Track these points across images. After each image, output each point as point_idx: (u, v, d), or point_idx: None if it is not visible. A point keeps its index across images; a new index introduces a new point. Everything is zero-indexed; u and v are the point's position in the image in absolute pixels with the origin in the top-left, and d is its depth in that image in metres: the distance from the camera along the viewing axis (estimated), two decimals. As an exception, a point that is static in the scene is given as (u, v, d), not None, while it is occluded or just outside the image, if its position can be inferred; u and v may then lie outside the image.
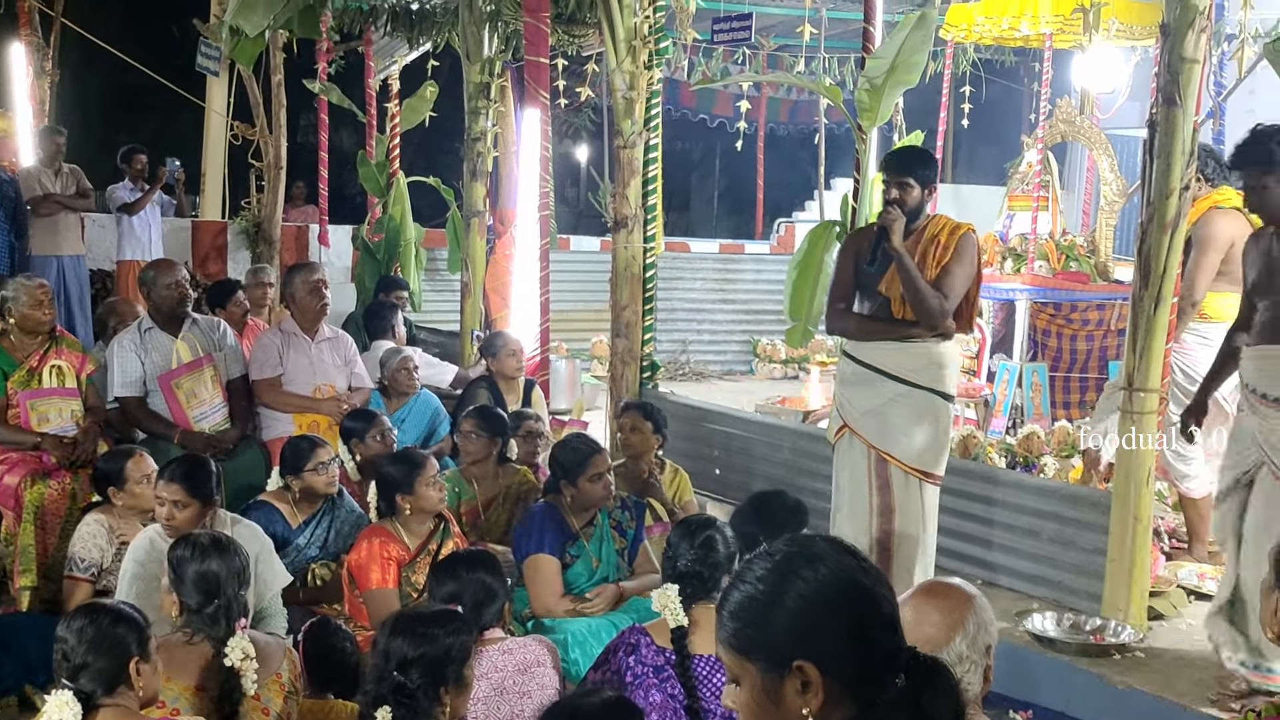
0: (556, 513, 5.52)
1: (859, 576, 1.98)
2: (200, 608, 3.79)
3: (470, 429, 6.27)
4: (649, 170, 8.21)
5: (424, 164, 14.77)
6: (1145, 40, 9.86)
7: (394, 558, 5.16)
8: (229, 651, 3.67)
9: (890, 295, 5.40)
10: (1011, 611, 5.62)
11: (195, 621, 3.80)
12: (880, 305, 5.46)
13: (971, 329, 5.70)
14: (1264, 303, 4.89)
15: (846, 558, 2.00)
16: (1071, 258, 9.57)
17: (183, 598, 3.82)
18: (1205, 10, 5.03)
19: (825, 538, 2.10)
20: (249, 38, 9.12)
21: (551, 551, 5.41)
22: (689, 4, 8.57)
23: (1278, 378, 4.77)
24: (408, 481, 5.26)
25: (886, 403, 5.37)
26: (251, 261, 12.84)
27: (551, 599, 5.33)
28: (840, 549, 2.03)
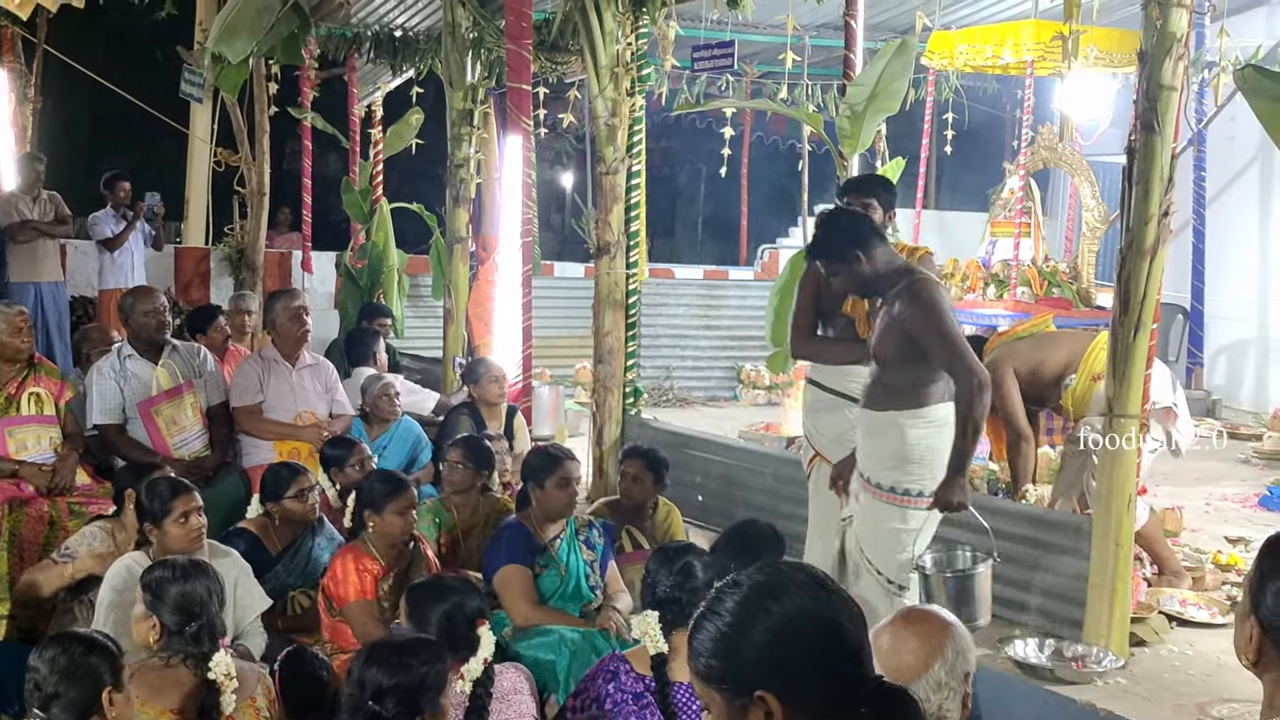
0: (524, 527, 5.54)
1: (823, 609, 1.98)
2: (181, 628, 3.78)
3: (457, 460, 6.23)
4: (632, 196, 8.23)
5: (407, 190, 14.79)
6: (1126, 67, 9.92)
7: (369, 570, 5.15)
8: (213, 666, 3.66)
9: (855, 316, 5.43)
10: (994, 638, 5.61)
11: (175, 643, 3.78)
12: (844, 327, 5.50)
13: None
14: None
15: (813, 589, 2.00)
16: (1054, 283, 9.62)
17: (162, 619, 3.80)
18: (1183, 38, 5.05)
19: (795, 566, 2.09)
20: (232, 65, 9.11)
21: (522, 562, 5.41)
22: (670, 32, 8.60)
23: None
24: (381, 502, 5.24)
25: (851, 429, 5.36)
26: (234, 288, 12.84)
27: (528, 607, 5.31)
28: (808, 579, 2.02)
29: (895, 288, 5.01)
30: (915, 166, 12.16)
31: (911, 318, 4.92)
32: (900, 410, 4.99)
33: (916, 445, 5.00)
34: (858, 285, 5.11)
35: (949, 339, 4.99)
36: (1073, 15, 8.26)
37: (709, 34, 11.52)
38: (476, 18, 9.62)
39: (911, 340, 4.95)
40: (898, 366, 5.00)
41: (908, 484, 5.01)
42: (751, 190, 18.58)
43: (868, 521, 5.09)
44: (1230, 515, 8.27)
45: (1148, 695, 5.04)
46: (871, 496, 5.06)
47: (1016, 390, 6.78)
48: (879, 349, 5.04)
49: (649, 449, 6.64)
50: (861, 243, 4.99)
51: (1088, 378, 6.50)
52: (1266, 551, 2.30)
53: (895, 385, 5.01)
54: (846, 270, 5.01)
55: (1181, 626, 5.86)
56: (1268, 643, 2.24)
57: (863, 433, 5.14)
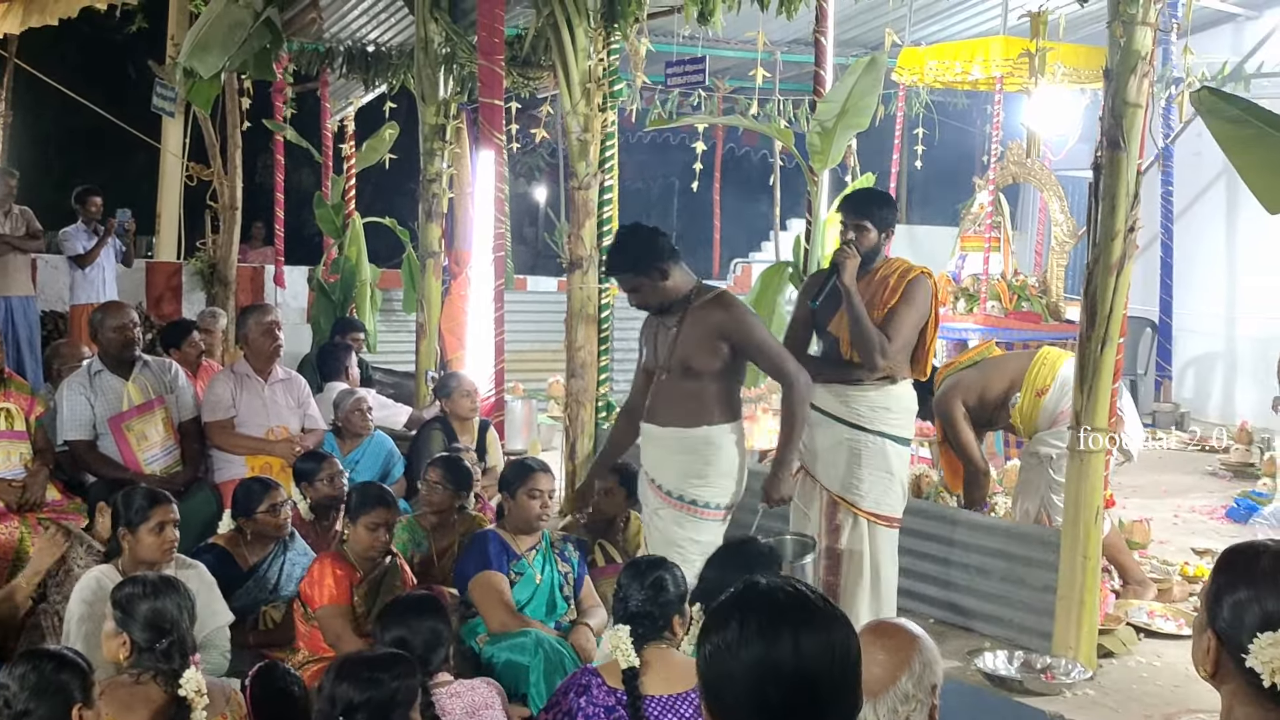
0: (498, 537, 5.55)
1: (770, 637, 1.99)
2: (151, 645, 3.77)
3: (437, 480, 6.21)
4: (604, 211, 8.25)
5: (380, 205, 14.79)
6: (1094, 83, 10.01)
7: (346, 576, 5.17)
8: (184, 683, 3.66)
9: (839, 335, 5.44)
10: (963, 651, 5.65)
11: (145, 660, 3.77)
12: (830, 346, 5.52)
13: (926, 374, 5.71)
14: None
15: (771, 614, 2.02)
16: (1023, 298, 9.68)
17: (132, 636, 3.80)
18: (1147, 56, 5.11)
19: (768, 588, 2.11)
20: (204, 80, 9.12)
21: (497, 569, 5.42)
22: (642, 47, 8.64)
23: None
24: (354, 513, 5.29)
25: (835, 446, 5.40)
26: (207, 303, 12.81)
27: (504, 613, 5.31)
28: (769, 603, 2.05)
29: (700, 300, 5.11)
30: (885, 181, 12.21)
31: (733, 327, 5.03)
32: (712, 424, 5.08)
33: (728, 457, 5.11)
34: (656, 300, 5.15)
35: (771, 343, 5.15)
36: (1039, 32, 8.34)
37: (681, 50, 11.57)
38: (449, 33, 9.64)
39: (730, 350, 5.03)
40: (710, 378, 5.07)
41: (714, 497, 5.12)
42: (724, 205, 18.62)
43: (665, 533, 5.15)
44: (1198, 527, 8.33)
45: (1115, 706, 5.08)
46: (672, 509, 5.14)
47: (968, 426, 6.82)
48: (689, 362, 5.06)
49: (622, 463, 6.65)
50: (661, 258, 5.07)
51: (1032, 394, 6.57)
52: (1223, 564, 2.33)
53: (706, 398, 5.07)
54: (647, 285, 5.08)
55: (1149, 638, 5.91)
56: (1224, 655, 2.27)
57: (667, 448, 5.17)
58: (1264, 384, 12.19)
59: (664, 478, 5.16)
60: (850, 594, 5.41)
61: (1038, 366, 6.60)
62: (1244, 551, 2.35)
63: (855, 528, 5.42)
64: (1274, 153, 3.06)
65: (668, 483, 5.15)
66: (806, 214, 7.32)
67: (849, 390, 5.41)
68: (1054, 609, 5.40)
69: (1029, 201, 15.10)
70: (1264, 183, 3.13)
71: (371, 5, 11.65)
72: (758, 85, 10.83)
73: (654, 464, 5.23)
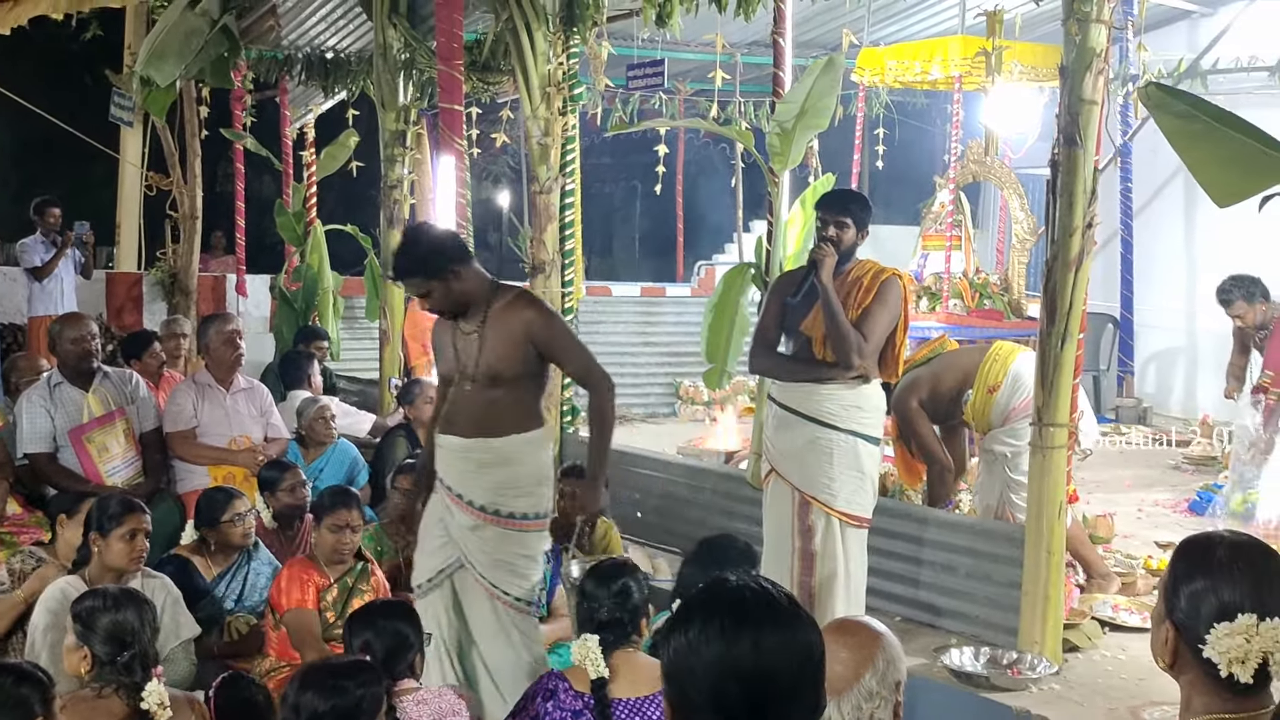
0: None
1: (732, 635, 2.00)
2: (112, 658, 3.74)
3: (409, 487, 6.18)
4: (566, 215, 8.24)
5: (342, 212, 14.71)
6: (1051, 81, 10.07)
7: (314, 581, 5.16)
8: (146, 697, 3.63)
9: (812, 335, 5.44)
10: (930, 648, 5.67)
11: (107, 674, 3.75)
12: (802, 345, 5.51)
13: (897, 374, 5.73)
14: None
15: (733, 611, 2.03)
16: (985, 295, 9.74)
17: (93, 650, 3.77)
18: (1102, 53, 5.14)
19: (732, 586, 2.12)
20: (160, 88, 9.05)
21: None
22: (602, 51, 8.63)
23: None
24: (319, 515, 5.32)
25: (806, 445, 5.40)
26: (168, 313, 12.72)
27: None
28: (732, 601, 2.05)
29: (501, 301, 4.83)
30: (847, 181, 12.26)
31: (540, 327, 4.78)
32: (524, 432, 4.84)
33: (543, 466, 4.94)
34: (450, 305, 4.84)
35: (578, 344, 4.97)
36: (995, 31, 8.39)
37: (641, 53, 11.58)
38: (408, 39, 9.61)
39: (538, 352, 4.79)
40: (517, 384, 4.81)
41: (532, 507, 4.88)
42: (687, 207, 18.65)
43: (489, 551, 4.84)
44: (1161, 520, 8.39)
45: (1081, 700, 5.11)
46: (492, 525, 4.84)
47: (927, 423, 6.85)
48: (496, 368, 4.78)
49: (582, 465, 6.64)
50: (455, 259, 4.79)
51: (984, 390, 6.60)
52: (1179, 555, 2.36)
53: (513, 405, 4.82)
54: (439, 289, 4.78)
55: (1114, 631, 5.94)
56: (1183, 645, 2.29)
57: (475, 461, 4.86)
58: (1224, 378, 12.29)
59: (474, 493, 4.83)
60: (825, 595, 5.42)
61: (989, 363, 6.63)
62: (1200, 543, 2.38)
63: (828, 528, 5.42)
64: (1222, 147, 3.09)
65: (479, 498, 4.82)
66: (768, 215, 7.32)
67: (821, 389, 5.41)
68: (1019, 605, 5.42)
69: (990, 200, 15.19)
70: (1213, 177, 3.15)
71: (330, 12, 11.61)
72: (717, 87, 10.85)
73: (459, 479, 4.88)
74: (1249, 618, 2.22)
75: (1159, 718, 4.79)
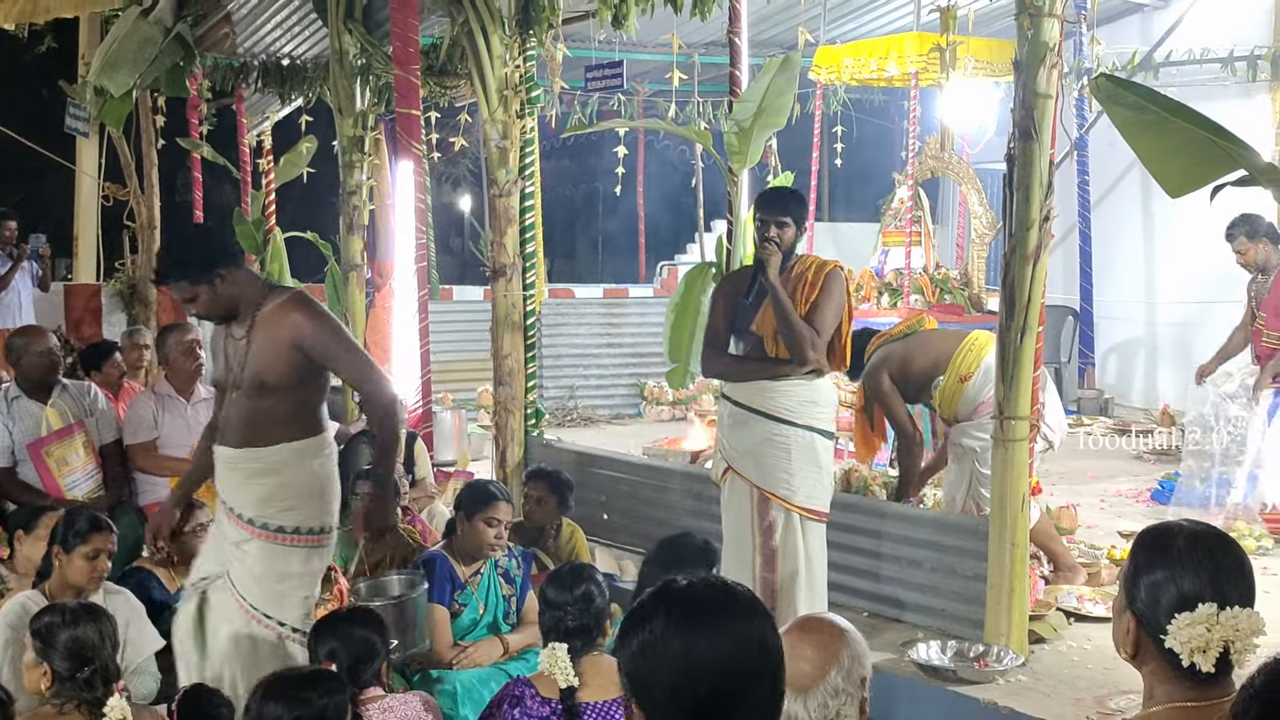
0: (446, 562, 5.51)
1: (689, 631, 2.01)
2: (73, 674, 3.71)
3: (365, 492, 6.15)
4: (526, 218, 8.23)
5: (303, 219, 14.66)
6: (1007, 76, 10.11)
7: None
8: (108, 712, 3.60)
9: (763, 334, 5.46)
10: (897, 643, 5.68)
11: (68, 689, 3.72)
12: (754, 345, 5.53)
13: (845, 366, 5.78)
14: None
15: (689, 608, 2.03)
16: (946, 290, 9.76)
17: (53, 666, 3.73)
18: (1055, 47, 5.17)
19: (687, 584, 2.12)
20: (115, 98, 8.99)
21: (440, 600, 5.39)
22: (558, 53, 8.63)
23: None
24: None
25: (763, 442, 5.41)
26: (127, 324, 12.62)
27: (441, 648, 5.30)
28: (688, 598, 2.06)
29: (270, 304, 4.61)
30: (806, 179, 12.29)
31: (307, 332, 4.54)
32: (294, 441, 4.62)
33: (319, 476, 4.71)
34: (218, 309, 4.63)
35: (354, 350, 4.70)
36: (949, 27, 8.42)
37: (598, 54, 11.58)
38: (364, 44, 9.57)
39: (309, 357, 4.56)
40: (286, 392, 4.59)
41: (303, 521, 4.66)
42: (648, 208, 18.68)
43: (251, 568, 4.63)
44: (1124, 510, 8.45)
45: (1048, 691, 5.13)
46: (259, 540, 4.62)
47: (896, 395, 6.84)
48: (262, 376, 4.55)
49: (552, 471, 6.64)
50: (217, 261, 4.56)
51: (955, 379, 6.59)
52: (1139, 546, 2.37)
53: (283, 414, 4.60)
54: (206, 293, 4.56)
55: (1079, 622, 5.96)
56: (1144, 635, 2.31)
57: (243, 472, 4.65)
58: (1184, 368, 12.39)
59: (243, 505, 4.62)
60: (787, 590, 5.43)
61: (964, 352, 6.62)
62: (1160, 533, 2.39)
63: (788, 524, 5.44)
64: (1173, 138, 3.11)
65: (248, 510, 4.61)
66: (728, 214, 7.33)
67: (776, 385, 5.42)
68: (985, 598, 5.44)
69: (949, 195, 15.25)
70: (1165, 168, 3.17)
71: (285, 18, 11.55)
72: (675, 88, 10.85)
73: (229, 490, 4.67)
74: (1209, 607, 2.24)
75: (1125, 706, 4.82)
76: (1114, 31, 12.63)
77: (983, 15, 10.60)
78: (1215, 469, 7.70)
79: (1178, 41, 11.87)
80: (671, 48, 10.67)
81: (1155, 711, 2.32)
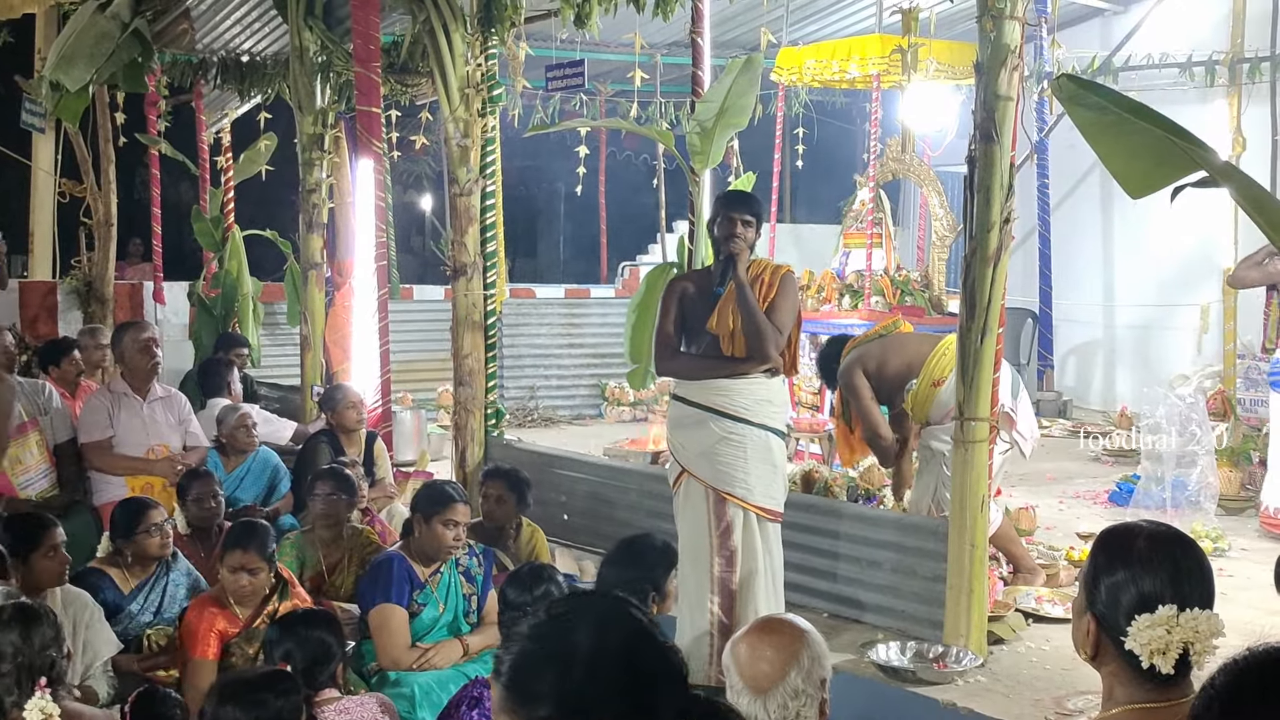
0: (404, 562, 5.46)
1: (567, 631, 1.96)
2: None
3: (330, 492, 6.11)
4: (487, 217, 8.19)
5: (261, 217, 14.56)
6: (968, 79, 10.16)
7: (217, 630, 4.99)
8: (27, 714, 3.54)
9: (719, 333, 5.45)
10: (857, 644, 5.68)
11: None
12: (708, 344, 5.51)
13: (796, 370, 5.81)
14: None
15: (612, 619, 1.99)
16: (906, 292, 9.79)
17: None
18: (1016, 50, 5.19)
19: (596, 599, 2.09)
20: (71, 93, 8.89)
21: (399, 601, 5.34)
22: (520, 52, 8.60)
23: None
24: (221, 555, 5.15)
25: (718, 442, 5.39)
26: (84, 322, 12.51)
27: (399, 651, 5.26)
28: (603, 611, 2.01)
29: None
30: (768, 180, 12.31)
31: None
32: None
33: None
34: None
35: None
36: (910, 29, 8.44)
37: (560, 54, 11.55)
38: (324, 41, 9.51)
39: None
40: None
41: None
42: (610, 208, 18.65)
43: None
44: (1082, 512, 8.49)
45: (1006, 691, 5.14)
46: None
47: (868, 388, 6.84)
48: None
49: (510, 469, 6.61)
50: None
51: (928, 383, 6.61)
52: (1099, 547, 2.37)
53: None
54: None
55: (1038, 623, 5.99)
56: (1104, 637, 2.30)
57: None
58: (1142, 370, 12.50)
59: None
60: (747, 589, 5.41)
61: (938, 356, 6.63)
62: (1120, 534, 2.39)
63: (746, 523, 5.42)
64: (1134, 139, 3.11)
65: None
66: (689, 214, 7.32)
67: (733, 384, 5.41)
68: (944, 599, 5.46)
69: (910, 197, 15.32)
70: (1126, 169, 3.17)
71: (245, 15, 11.46)
72: (637, 88, 10.84)
73: None
74: (1169, 609, 2.24)
75: (1083, 707, 4.84)
76: (1074, 35, 12.73)
77: (944, 18, 10.64)
78: (1169, 471, 7.75)
79: (1137, 46, 11.97)
80: (634, 48, 10.66)
81: (1115, 713, 2.31)
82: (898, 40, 9.16)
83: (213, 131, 13.66)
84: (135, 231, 16.55)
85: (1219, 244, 11.21)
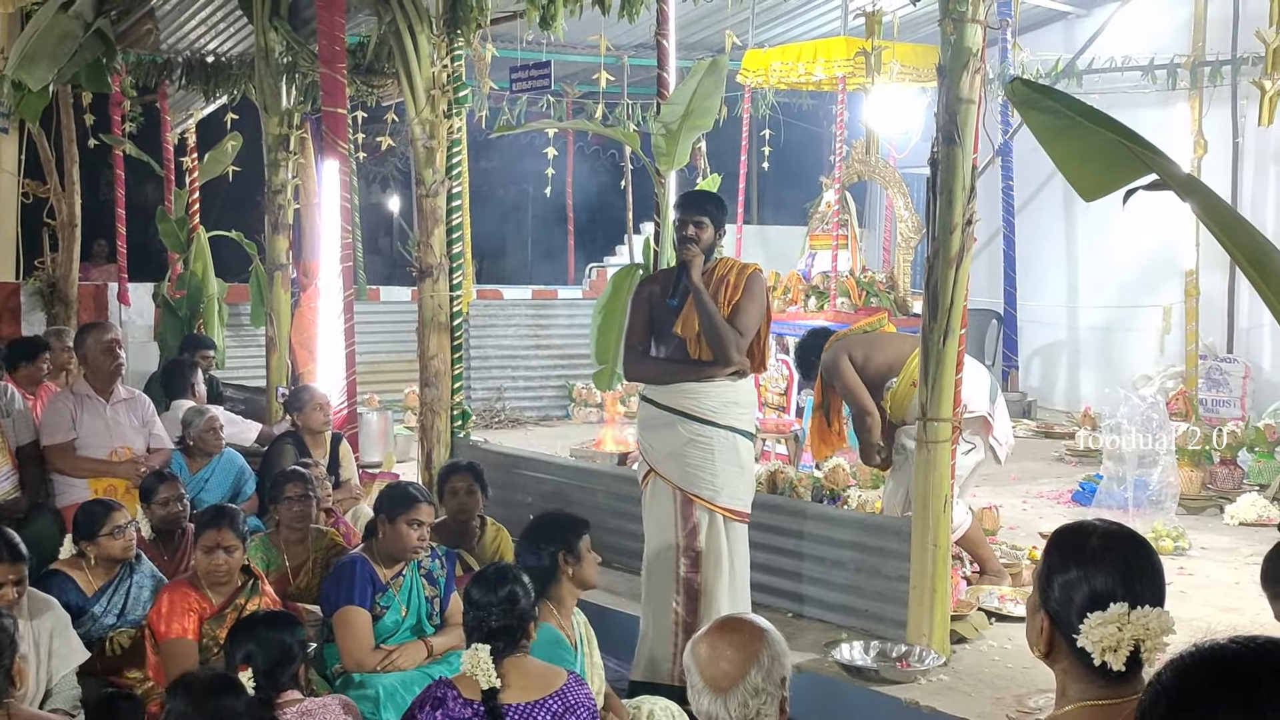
0: (366, 565, 5.44)
1: None
2: None
3: (300, 493, 6.09)
4: (453, 218, 8.19)
5: (227, 218, 14.51)
6: (931, 82, 10.21)
7: (194, 609, 5.01)
8: None
9: (686, 336, 5.46)
10: (820, 643, 5.71)
11: None
12: (676, 347, 5.52)
13: (765, 368, 5.83)
14: None
15: None
16: (872, 293, 9.84)
17: None
18: (978, 53, 5.23)
19: None
20: (33, 92, 8.84)
21: (361, 603, 5.33)
22: (486, 54, 8.59)
23: None
24: (195, 538, 5.15)
25: (686, 443, 5.41)
26: (47, 323, 12.43)
27: (363, 653, 5.24)
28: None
29: None
30: (734, 182, 12.33)
31: None
32: None
33: None
34: None
35: None
36: (874, 32, 8.48)
37: (526, 55, 11.54)
38: (290, 42, 9.49)
39: None
40: None
41: None
42: (577, 209, 18.66)
43: None
44: (1046, 512, 8.56)
45: (969, 690, 5.18)
46: None
47: (853, 372, 6.81)
48: None
49: (468, 462, 6.59)
50: None
51: (908, 383, 6.62)
52: (1053, 546, 2.39)
53: None
54: None
55: (1000, 622, 6.04)
56: (1057, 635, 2.33)
57: None
58: (1106, 371, 12.59)
59: None
60: (711, 591, 5.44)
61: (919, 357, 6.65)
62: (1074, 532, 2.41)
63: (712, 524, 5.44)
64: (1086, 142, 3.15)
65: None
66: (655, 215, 7.34)
67: (699, 387, 5.43)
68: (907, 598, 5.49)
69: (875, 199, 15.38)
70: (1079, 171, 3.20)
71: (210, 15, 11.41)
72: (602, 89, 10.85)
73: None
74: (1120, 606, 2.26)
75: (1044, 705, 4.88)
76: (1038, 39, 12.82)
77: (908, 21, 10.71)
78: (1131, 471, 7.82)
79: (1100, 49, 12.07)
80: (600, 49, 10.67)
81: (1068, 710, 2.34)
82: (862, 43, 9.20)
83: (178, 132, 13.59)
84: (100, 232, 16.45)
85: (1181, 246, 11.31)
